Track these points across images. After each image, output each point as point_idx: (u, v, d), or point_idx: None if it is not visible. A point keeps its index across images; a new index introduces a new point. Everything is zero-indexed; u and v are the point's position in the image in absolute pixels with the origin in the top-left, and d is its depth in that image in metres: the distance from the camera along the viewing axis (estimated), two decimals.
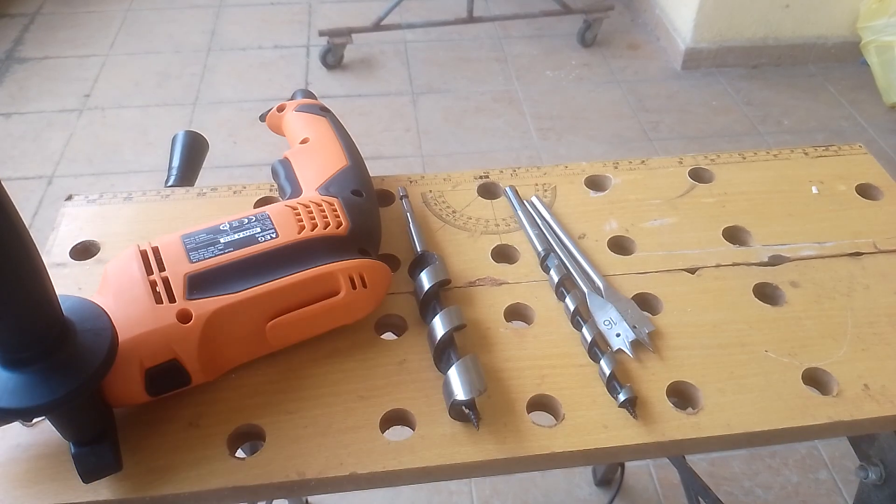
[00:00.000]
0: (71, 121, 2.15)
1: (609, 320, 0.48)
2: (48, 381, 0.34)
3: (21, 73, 2.33)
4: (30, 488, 0.40)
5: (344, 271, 0.45)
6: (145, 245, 0.43)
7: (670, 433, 0.43)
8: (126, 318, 0.40)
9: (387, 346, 0.48)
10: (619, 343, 0.47)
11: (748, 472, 1.37)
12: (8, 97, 2.23)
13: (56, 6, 2.66)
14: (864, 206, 0.59)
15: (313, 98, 0.60)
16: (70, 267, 0.52)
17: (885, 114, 2.20)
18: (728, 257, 0.54)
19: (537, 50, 2.25)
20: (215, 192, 0.59)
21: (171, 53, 2.42)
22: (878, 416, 0.44)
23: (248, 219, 0.45)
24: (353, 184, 0.51)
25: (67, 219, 0.56)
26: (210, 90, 2.26)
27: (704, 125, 2.06)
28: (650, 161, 0.62)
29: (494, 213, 0.58)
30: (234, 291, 0.42)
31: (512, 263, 0.54)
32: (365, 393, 0.45)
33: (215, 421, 0.43)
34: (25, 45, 2.46)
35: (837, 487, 1.35)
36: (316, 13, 2.63)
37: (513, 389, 0.45)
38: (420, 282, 0.48)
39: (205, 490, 0.40)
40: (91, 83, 2.30)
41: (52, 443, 0.41)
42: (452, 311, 0.46)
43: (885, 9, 2.15)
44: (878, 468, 0.53)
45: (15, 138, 2.08)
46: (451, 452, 0.42)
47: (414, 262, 0.51)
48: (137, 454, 0.41)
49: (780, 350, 0.48)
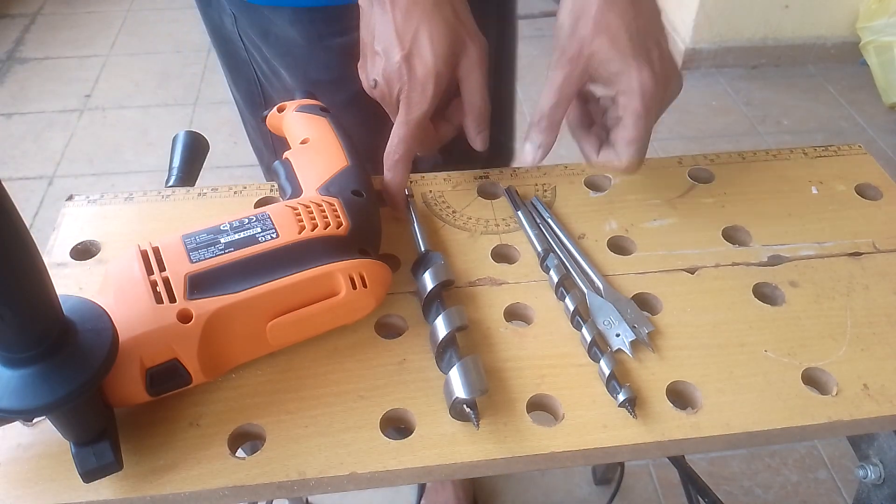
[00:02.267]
0: (71, 121, 2.15)
1: (609, 320, 0.48)
2: (49, 380, 0.34)
3: (22, 73, 2.34)
4: (30, 488, 0.40)
5: (344, 271, 0.45)
6: (146, 245, 0.43)
7: (670, 433, 0.43)
8: (127, 317, 0.40)
9: (387, 346, 0.48)
10: (618, 343, 0.47)
11: (748, 472, 1.37)
12: (9, 97, 2.23)
13: (57, 7, 2.66)
14: (864, 206, 0.59)
15: (314, 98, 0.60)
16: (71, 267, 0.52)
17: (885, 114, 2.21)
18: (727, 257, 0.54)
19: (537, 50, 2.25)
20: (216, 192, 0.59)
21: (171, 53, 2.42)
22: (878, 416, 0.44)
23: (249, 219, 0.46)
24: (354, 184, 0.51)
25: (68, 219, 0.56)
26: (210, 90, 2.26)
27: (704, 125, 2.07)
28: (650, 161, 0.62)
29: (494, 213, 0.58)
30: (235, 291, 0.42)
31: (512, 263, 0.54)
32: (365, 393, 0.45)
33: (216, 420, 0.43)
34: (26, 46, 2.46)
35: (837, 487, 1.36)
36: None
37: (513, 389, 0.45)
38: (423, 282, 0.48)
39: (205, 489, 0.40)
40: (92, 83, 2.30)
41: (52, 442, 0.41)
42: (454, 311, 0.46)
43: (884, 9, 2.15)
44: (878, 468, 0.53)
45: (16, 138, 2.09)
46: (451, 452, 0.42)
47: (417, 261, 0.52)
48: (138, 454, 0.41)
49: (780, 350, 0.48)
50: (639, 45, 0.49)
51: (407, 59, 0.51)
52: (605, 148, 0.53)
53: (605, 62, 0.49)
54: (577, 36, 0.50)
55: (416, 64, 0.52)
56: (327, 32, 0.68)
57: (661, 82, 0.49)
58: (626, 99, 0.50)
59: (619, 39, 0.48)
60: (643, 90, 0.49)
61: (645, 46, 0.49)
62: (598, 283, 0.51)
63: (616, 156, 0.52)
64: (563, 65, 0.51)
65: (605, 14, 0.48)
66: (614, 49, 0.49)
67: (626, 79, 0.49)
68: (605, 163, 0.53)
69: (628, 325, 0.48)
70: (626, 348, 0.47)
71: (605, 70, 0.50)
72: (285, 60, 0.72)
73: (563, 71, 0.51)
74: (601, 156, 0.53)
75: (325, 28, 0.67)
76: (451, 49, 0.52)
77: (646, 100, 0.49)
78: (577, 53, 0.50)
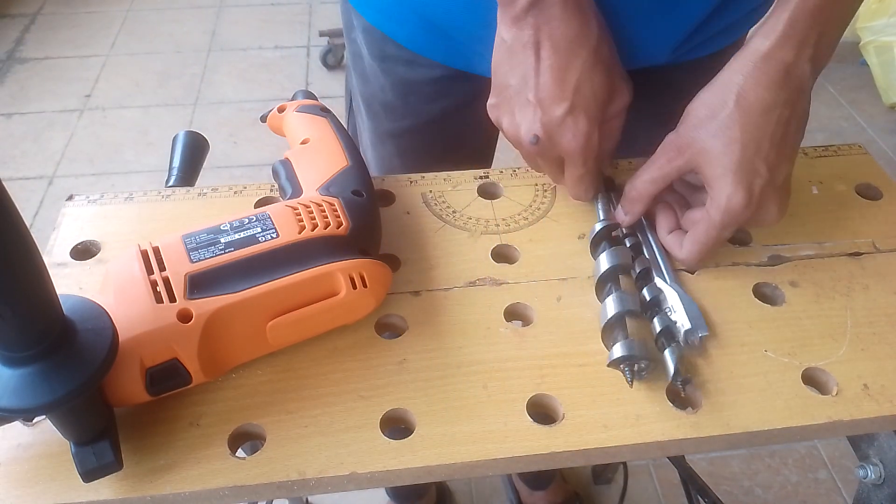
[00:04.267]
0: (72, 121, 2.15)
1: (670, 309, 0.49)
2: (49, 380, 0.34)
3: (22, 73, 2.34)
4: (30, 488, 0.40)
5: (344, 271, 0.45)
6: (146, 245, 0.43)
7: (670, 433, 0.43)
8: (127, 317, 0.40)
9: (387, 346, 0.48)
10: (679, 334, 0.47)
11: (748, 472, 1.37)
12: (9, 97, 2.23)
13: (57, 6, 2.66)
14: (864, 206, 0.59)
15: (314, 99, 0.60)
16: (71, 267, 0.52)
17: (885, 114, 2.21)
18: (727, 257, 0.54)
19: None
20: (216, 192, 0.59)
21: (171, 54, 2.42)
22: (878, 416, 0.44)
23: (249, 219, 0.46)
24: (354, 184, 0.51)
25: (68, 219, 0.56)
26: (211, 90, 2.26)
27: None
28: None
29: (494, 213, 0.58)
30: (235, 291, 0.42)
31: (512, 263, 0.54)
32: (365, 392, 0.45)
33: (216, 420, 0.43)
34: (26, 46, 2.46)
35: (837, 487, 1.36)
36: (316, 13, 2.63)
37: (513, 389, 0.45)
38: (598, 262, 0.50)
39: (205, 489, 0.40)
40: (92, 83, 2.30)
41: (52, 442, 0.41)
42: (626, 295, 0.47)
43: (884, 9, 2.15)
44: (878, 468, 0.53)
45: (16, 138, 2.09)
46: (451, 452, 0.42)
47: (598, 235, 0.53)
48: (138, 453, 0.41)
49: (780, 350, 0.48)
50: (747, 163, 0.48)
51: (572, 111, 0.50)
52: (677, 232, 0.53)
53: (708, 164, 0.49)
54: (698, 129, 0.49)
55: (580, 118, 0.50)
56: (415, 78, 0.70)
57: (751, 207, 0.48)
58: (709, 205, 0.49)
59: (731, 151, 0.48)
60: (728, 208, 0.48)
61: (753, 167, 0.48)
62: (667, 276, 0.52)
63: (679, 246, 0.52)
64: (670, 150, 0.51)
65: (732, 121, 0.48)
66: (723, 157, 0.48)
67: (719, 190, 0.48)
68: (669, 246, 0.53)
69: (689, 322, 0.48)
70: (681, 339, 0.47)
71: (706, 171, 0.49)
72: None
73: (668, 156, 0.51)
74: (670, 237, 0.53)
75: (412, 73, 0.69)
76: (609, 96, 0.52)
77: (726, 217, 0.48)
78: (687, 145, 0.50)
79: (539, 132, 0.51)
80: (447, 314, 0.50)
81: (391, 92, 0.72)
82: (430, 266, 0.53)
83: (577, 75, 0.50)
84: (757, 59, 0.48)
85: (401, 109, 0.73)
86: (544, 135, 0.51)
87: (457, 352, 0.47)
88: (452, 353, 0.47)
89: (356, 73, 0.77)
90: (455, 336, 0.48)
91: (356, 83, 0.78)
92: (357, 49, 0.74)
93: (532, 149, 0.52)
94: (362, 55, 0.73)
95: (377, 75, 0.72)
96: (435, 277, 0.52)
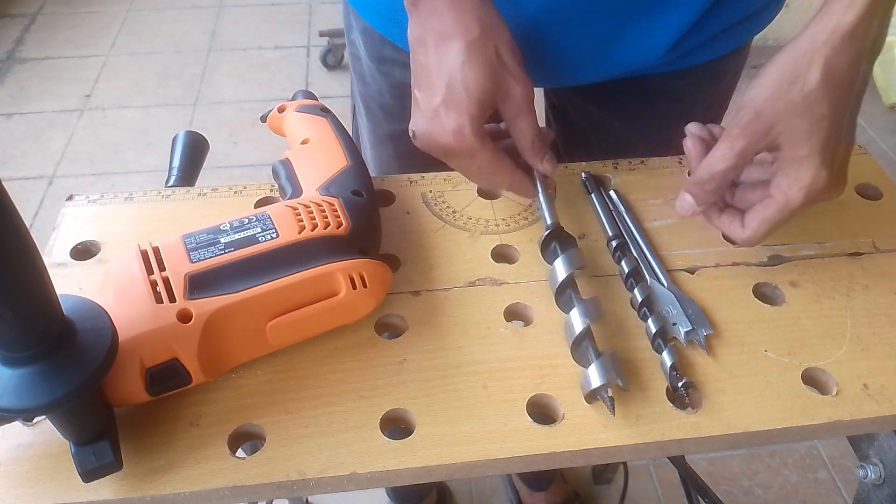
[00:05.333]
0: (72, 121, 2.15)
1: (668, 310, 0.49)
2: (49, 380, 0.34)
3: (22, 73, 2.34)
4: (30, 488, 0.40)
5: (344, 271, 0.45)
6: (146, 245, 0.43)
7: (670, 433, 0.43)
8: (127, 317, 0.40)
9: (387, 346, 0.48)
10: (675, 332, 0.48)
11: (747, 472, 1.37)
12: (9, 97, 2.23)
13: (57, 6, 2.66)
14: (864, 206, 0.59)
15: (314, 99, 0.60)
16: (71, 267, 0.52)
17: (885, 114, 2.21)
18: (727, 257, 0.54)
19: None
20: (216, 192, 0.59)
21: (171, 54, 2.42)
22: (878, 416, 0.44)
23: (249, 219, 0.46)
24: (354, 184, 0.51)
25: (68, 219, 0.56)
26: (211, 90, 2.26)
27: None
28: (650, 161, 0.62)
29: (494, 213, 0.58)
30: (235, 291, 0.42)
31: (512, 263, 0.54)
32: (365, 392, 0.45)
33: (216, 420, 0.43)
34: (26, 46, 2.46)
35: (837, 487, 1.36)
36: (316, 13, 2.63)
37: (513, 389, 0.45)
38: (554, 269, 0.48)
39: (205, 489, 0.40)
40: (92, 83, 2.30)
41: (52, 442, 0.41)
42: (590, 303, 0.46)
43: None
44: (878, 468, 0.53)
45: (16, 138, 2.09)
46: (451, 452, 0.42)
47: (548, 237, 0.50)
48: (138, 453, 0.41)
49: (780, 350, 0.48)
50: (833, 142, 0.46)
51: (444, 104, 0.48)
52: (730, 212, 0.51)
53: (792, 143, 0.46)
54: (779, 104, 0.46)
55: (451, 111, 0.48)
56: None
57: (829, 186, 0.47)
58: (789, 184, 0.47)
59: (818, 130, 0.45)
60: (811, 188, 0.46)
61: (836, 145, 0.46)
62: (661, 278, 0.51)
63: (740, 226, 0.50)
64: (750, 134, 0.47)
65: (820, 97, 0.45)
66: (810, 137, 0.45)
67: (804, 170, 0.46)
68: (724, 227, 0.52)
69: (689, 323, 0.48)
70: (682, 339, 0.47)
71: (789, 151, 0.46)
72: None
73: (747, 140, 0.47)
74: (723, 219, 0.51)
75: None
76: (492, 94, 0.49)
77: (810, 196, 0.47)
78: (769, 128, 0.46)
79: (415, 127, 0.51)
80: (447, 314, 0.50)
81: (388, 94, 0.72)
82: (430, 266, 0.53)
83: (448, 70, 0.48)
84: (844, 32, 0.45)
85: (398, 112, 0.73)
86: (419, 129, 0.51)
87: (457, 352, 0.47)
88: (452, 353, 0.47)
89: (356, 75, 0.77)
90: (455, 336, 0.48)
91: (356, 84, 0.78)
92: (356, 50, 0.74)
93: (415, 143, 0.52)
94: (360, 56, 0.73)
95: (375, 77, 0.72)
96: (435, 277, 0.52)
